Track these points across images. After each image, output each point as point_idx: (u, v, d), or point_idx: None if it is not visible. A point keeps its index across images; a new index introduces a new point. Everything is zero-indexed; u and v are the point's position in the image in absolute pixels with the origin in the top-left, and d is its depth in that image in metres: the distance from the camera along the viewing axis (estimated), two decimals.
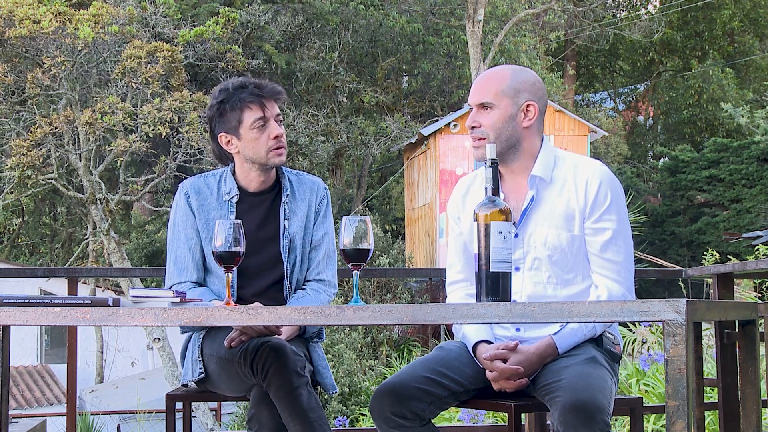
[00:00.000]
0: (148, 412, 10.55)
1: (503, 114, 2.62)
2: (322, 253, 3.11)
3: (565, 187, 2.64)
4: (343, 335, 11.45)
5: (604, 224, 2.61)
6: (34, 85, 12.89)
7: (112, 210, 13.85)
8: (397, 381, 2.59)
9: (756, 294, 9.80)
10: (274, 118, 2.99)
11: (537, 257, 2.63)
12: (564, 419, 2.32)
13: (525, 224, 2.65)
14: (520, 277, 2.65)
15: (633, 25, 25.02)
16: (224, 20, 14.79)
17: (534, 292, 2.64)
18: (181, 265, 3.03)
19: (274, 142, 2.98)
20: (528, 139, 2.65)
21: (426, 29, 20.52)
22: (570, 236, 2.61)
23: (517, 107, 2.62)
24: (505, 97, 2.62)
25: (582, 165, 2.66)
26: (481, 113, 2.65)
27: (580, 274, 2.65)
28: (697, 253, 20.09)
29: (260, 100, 2.96)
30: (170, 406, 2.96)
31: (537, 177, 2.64)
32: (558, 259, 2.62)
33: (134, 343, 17.93)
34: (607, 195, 2.61)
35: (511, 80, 2.64)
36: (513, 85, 2.63)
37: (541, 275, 2.63)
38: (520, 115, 2.63)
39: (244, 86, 2.97)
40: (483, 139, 2.63)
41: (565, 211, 2.62)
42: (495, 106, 2.63)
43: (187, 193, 3.06)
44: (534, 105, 2.63)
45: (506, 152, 2.65)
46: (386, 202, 23.40)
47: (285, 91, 3.08)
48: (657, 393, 5.91)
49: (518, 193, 2.68)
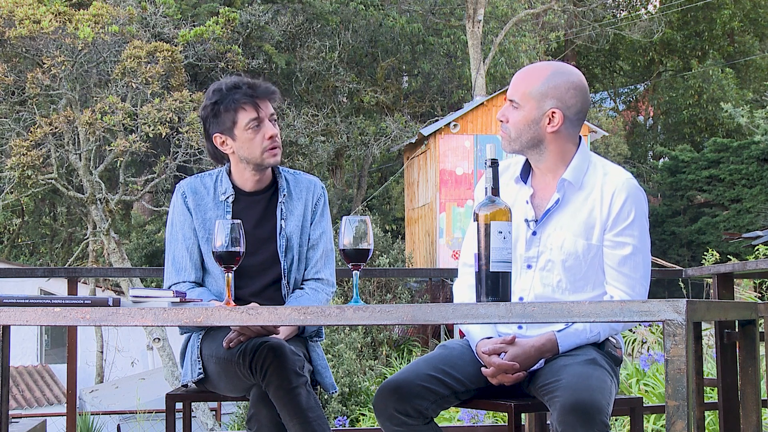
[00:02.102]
0: (148, 412, 10.55)
1: (527, 117, 2.60)
2: (319, 252, 3.10)
3: (591, 195, 2.62)
4: (343, 335, 11.45)
5: (625, 239, 2.59)
6: (34, 85, 12.89)
7: (112, 210, 13.85)
8: (401, 379, 2.59)
9: (756, 294, 9.79)
10: (268, 118, 2.99)
11: (551, 259, 2.63)
12: (563, 419, 2.32)
13: (545, 224, 2.64)
14: (531, 276, 2.65)
15: (633, 25, 25.02)
16: (224, 20, 14.79)
17: (543, 293, 2.64)
18: (179, 265, 3.03)
19: (268, 142, 2.97)
20: (555, 142, 2.62)
21: (426, 29, 20.52)
22: (587, 245, 2.60)
23: (541, 112, 2.59)
24: (531, 100, 2.59)
25: (611, 175, 2.63)
26: (510, 109, 2.64)
27: (591, 283, 2.64)
28: (697, 253, 20.10)
29: (254, 101, 2.95)
30: (170, 406, 2.96)
31: (566, 181, 2.62)
32: (571, 265, 2.61)
33: (134, 343, 17.93)
34: (631, 211, 2.58)
35: (541, 84, 2.59)
36: (541, 90, 2.59)
37: (552, 278, 2.63)
38: (544, 120, 2.60)
39: (237, 86, 2.96)
40: (506, 134, 2.64)
41: (586, 220, 2.61)
42: (521, 107, 2.61)
43: (184, 193, 3.06)
44: (559, 113, 2.58)
45: (529, 151, 2.65)
46: (386, 202, 23.40)
47: (279, 90, 3.07)
48: (657, 393, 5.91)
49: (545, 191, 2.67)
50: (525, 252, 2.64)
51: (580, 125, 2.66)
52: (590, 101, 2.80)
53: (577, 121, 2.64)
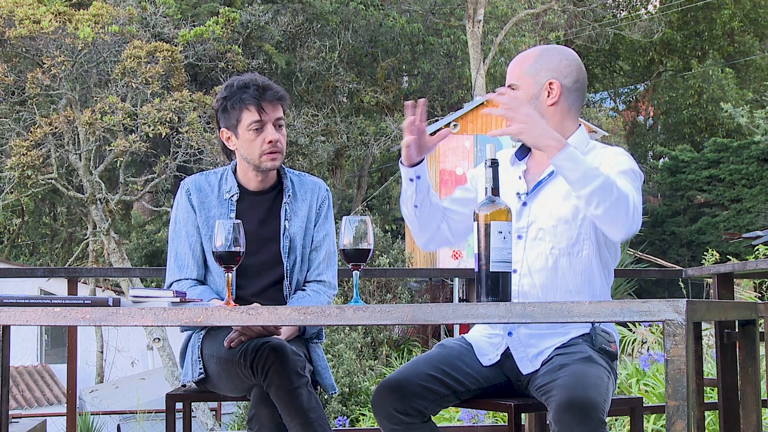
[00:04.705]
0: (148, 412, 10.56)
1: (527, 94, 2.67)
2: (322, 255, 3.10)
3: None
4: (343, 335, 11.45)
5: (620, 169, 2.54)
6: (34, 85, 12.90)
7: (112, 210, 13.85)
8: (400, 378, 2.59)
9: (756, 294, 9.79)
10: (272, 122, 2.98)
11: (541, 227, 2.62)
12: (559, 418, 2.32)
13: (536, 195, 2.66)
14: (522, 246, 2.64)
15: (633, 25, 25.03)
16: (224, 20, 14.79)
17: (536, 262, 2.62)
18: (181, 262, 3.03)
19: (268, 146, 2.97)
20: (555, 117, 2.66)
21: (426, 29, 20.53)
22: (575, 205, 2.57)
23: (539, 86, 2.66)
24: (527, 77, 2.68)
25: (609, 149, 2.68)
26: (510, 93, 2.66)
27: (586, 247, 2.61)
28: (697, 253, 20.09)
29: (259, 103, 2.95)
30: (170, 406, 2.96)
31: None
32: (562, 230, 2.60)
33: (134, 343, 17.94)
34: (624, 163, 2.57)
35: (534, 61, 2.68)
36: (535, 66, 2.67)
37: (545, 246, 2.61)
38: (543, 93, 2.66)
39: (247, 86, 2.97)
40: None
41: None
42: (519, 87, 2.68)
43: (188, 190, 3.06)
44: (556, 82, 2.65)
45: None
46: (386, 202, 23.39)
47: (288, 95, 3.07)
48: (657, 393, 5.91)
49: (540, 167, 2.69)
50: (515, 222, 2.63)
51: (579, 101, 2.69)
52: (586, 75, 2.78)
53: (575, 93, 2.68)
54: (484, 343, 2.72)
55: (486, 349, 2.71)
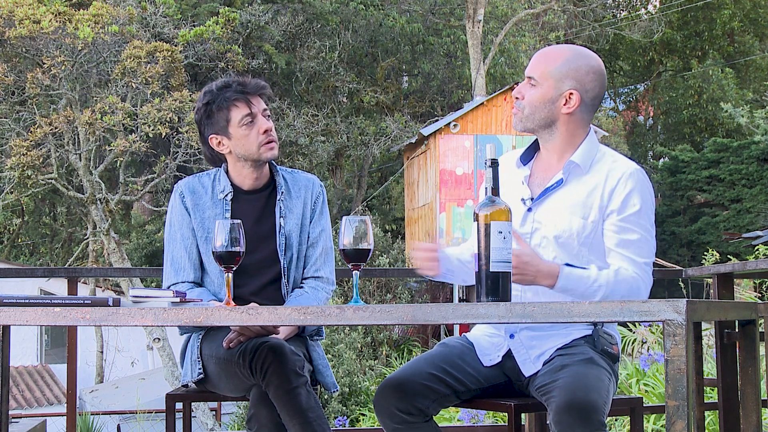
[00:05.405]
0: (148, 412, 10.55)
1: (544, 95, 2.60)
2: (319, 250, 3.10)
3: (595, 179, 2.60)
4: (343, 335, 11.45)
5: (633, 227, 2.55)
6: (34, 85, 12.90)
7: (112, 210, 13.85)
8: (402, 377, 2.59)
9: (756, 294, 9.79)
10: (261, 113, 3.00)
11: (545, 236, 2.60)
12: (559, 419, 2.31)
13: (542, 202, 2.63)
14: None
15: (633, 25, 25.03)
16: (224, 20, 14.80)
17: None
18: (177, 265, 3.03)
19: (264, 136, 2.98)
20: (568, 124, 2.62)
21: (426, 29, 20.53)
22: (583, 223, 2.57)
23: (558, 92, 2.59)
24: (550, 79, 2.59)
25: (620, 162, 2.62)
26: (527, 87, 2.64)
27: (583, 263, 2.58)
28: (697, 253, 20.10)
29: (246, 97, 2.97)
30: (170, 406, 2.96)
31: (574, 163, 2.61)
32: (564, 242, 2.58)
33: (134, 343, 17.94)
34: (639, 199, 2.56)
35: (561, 64, 2.59)
36: (561, 70, 2.59)
37: (547, 254, 2.59)
38: (560, 100, 2.59)
39: (228, 85, 2.99)
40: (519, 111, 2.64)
41: (585, 200, 2.58)
42: (539, 85, 2.61)
43: (182, 193, 3.06)
44: (576, 94, 2.58)
45: (540, 131, 2.64)
46: (386, 202, 23.39)
47: (278, 90, 3.09)
48: (657, 393, 5.91)
49: (547, 171, 2.66)
50: (519, 227, 2.62)
51: (593, 111, 2.66)
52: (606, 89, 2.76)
53: (591, 107, 2.64)
54: (485, 343, 2.72)
55: (488, 349, 2.70)
